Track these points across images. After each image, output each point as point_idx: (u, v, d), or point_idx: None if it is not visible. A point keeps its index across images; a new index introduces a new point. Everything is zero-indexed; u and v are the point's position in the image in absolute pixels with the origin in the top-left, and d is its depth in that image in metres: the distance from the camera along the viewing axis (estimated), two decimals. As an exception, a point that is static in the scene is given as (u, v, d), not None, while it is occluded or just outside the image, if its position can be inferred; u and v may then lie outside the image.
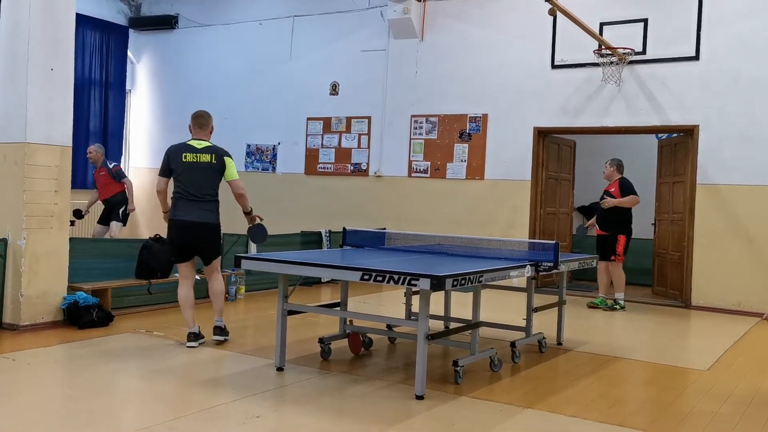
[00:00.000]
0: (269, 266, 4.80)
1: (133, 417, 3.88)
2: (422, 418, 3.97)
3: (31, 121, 5.81)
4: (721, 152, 8.47)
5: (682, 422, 4.13)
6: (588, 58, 8.96)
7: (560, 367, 5.40)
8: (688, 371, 5.39)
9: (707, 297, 8.50)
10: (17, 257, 5.79)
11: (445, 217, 9.99)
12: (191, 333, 5.42)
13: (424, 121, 10.36)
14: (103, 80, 12.46)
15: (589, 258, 6.34)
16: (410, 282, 4.12)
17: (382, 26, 10.64)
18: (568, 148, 10.34)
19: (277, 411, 4.06)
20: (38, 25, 5.82)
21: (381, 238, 6.30)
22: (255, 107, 11.80)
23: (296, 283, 5.18)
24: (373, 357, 5.42)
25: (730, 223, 8.42)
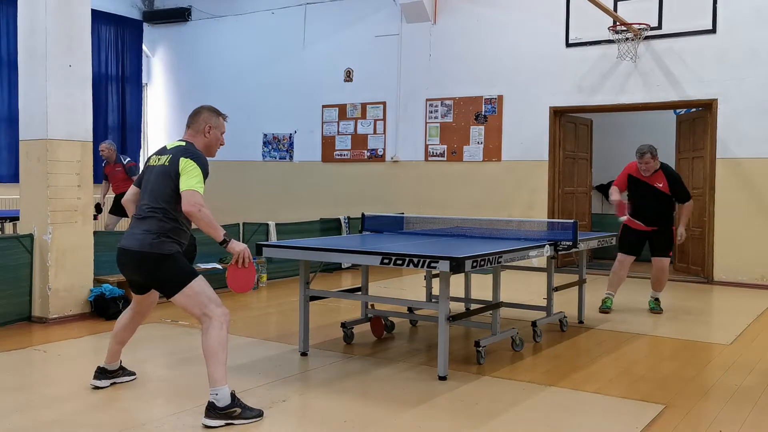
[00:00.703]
0: (290, 253, 4.86)
1: (163, 403, 3.96)
2: (446, 399, 4.02)
3: (51, 117, 5.90)
4: (740, 125, 8.38)
5: (705, 396, 4.14)
6: (603, 35, 8.88)
7: (582, 345, 5.42)
8: (711, 346, 5.39)
9: (729, 272, 8.45)
10: (44, 252, 5.91)
11: (463, 200, 10.00)
12: (100, 367, 4.12)
13: (439, 104, 10.35)
14: (120, 75, 12.57)
15: (609, 236, 6.33)
16: (430, 265, 4.16)
17: (395, 11, 10.61)
18: (584, 127, 10.28)
19: (302, 395, 4.13)
20: (55, 22, 5.89)
21: (400, 222, 6.34)
22: (270, 96, 11.85)
23: (317, 270, 5.24)
24: (396, 340, 5.48)
25: (752, 196, 8.35)
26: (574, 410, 3.89)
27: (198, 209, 3.52)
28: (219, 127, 3.92)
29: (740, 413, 3.81)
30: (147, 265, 3.68)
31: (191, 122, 3.92)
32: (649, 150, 6.59)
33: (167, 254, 3.65)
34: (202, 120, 3.89)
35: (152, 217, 3.68)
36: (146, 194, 3.77)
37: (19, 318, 5.88)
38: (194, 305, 3.65)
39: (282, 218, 9.34)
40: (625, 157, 7.60)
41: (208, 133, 3.88)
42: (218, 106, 4.02)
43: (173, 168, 3.65)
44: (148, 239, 3.65)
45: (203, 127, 3.88)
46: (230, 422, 3.49)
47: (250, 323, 6.13)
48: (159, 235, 3.65)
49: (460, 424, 3.61)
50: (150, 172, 3.82)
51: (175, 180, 3.63)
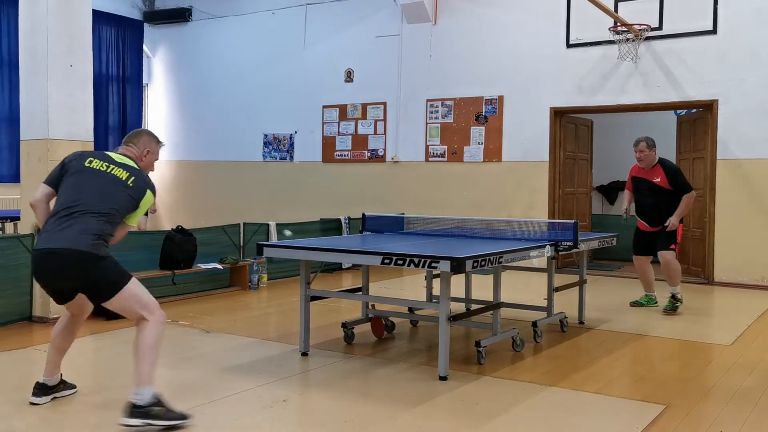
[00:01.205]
0: (291, 253, 4.86)
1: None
2: (446, 398, 4.02)
3: (52, 117, 5.90)
4: (741, 126, 8.38)
5: (705, 396, 4.14)
6: (603, 36, 8.88)
7: (582, 345, 5.42)
8: (712, 346, 5.39)
9: (730, 273, 8.45)
10: (44, 252, 5.90)
11: (464, 201, 10.00)
12: (39, 383, 3.81)
13: (439, 105, 10.35)
14: (121, 75, 12.58)
15: (609, 237, 6.32)
16: (430, 265, 4.16)
17: (395, 11, 10.61)
18: (585, 128, 10.29)
19: (302, 395, 4.13)
20: (56, 22, 5.90)
21: (400, 222, 6.34)
22: (270, 97, 11.85)
23: (318, 270, 5.24)
24: (396, 340, 5.48)
25: (752, 197, 8.35)
26: (574, 410, 3.89)
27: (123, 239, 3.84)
28: (155, 153, 3.91)
29: (741, 414, 3.82)
30: (82, 265, 3.43)
31: (132, 141, 3.85)
32: (644, 139, 6.49)
33: (104, 256, 3.49)
34: (143, 143, 3.84)
35: (95, 219, 3.49)
36: (87, 195, 3.54)
37: (20, 318, 5.88)
38: (133, 306, 3.54)
39: (282, 218, 9.35)
40: (626, 158, 7.61)
41: (145, 157, 3.85)
42: (219, 106, 4.05)
43: (137, 194, 3.65)
44: (87, 239, 3.43)
45: (143, 150, 3.83)
46: (150, 423, 3.36)
47: (251, 323, 6.13)
48: (99, 237, 3.47)
49: (461, 424, 3.62)
50: (93, 175, 3.62)
51: (134, 205, 3.64)
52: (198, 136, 12.66)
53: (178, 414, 3.46)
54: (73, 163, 3.71)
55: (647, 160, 6.51)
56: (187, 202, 12.69)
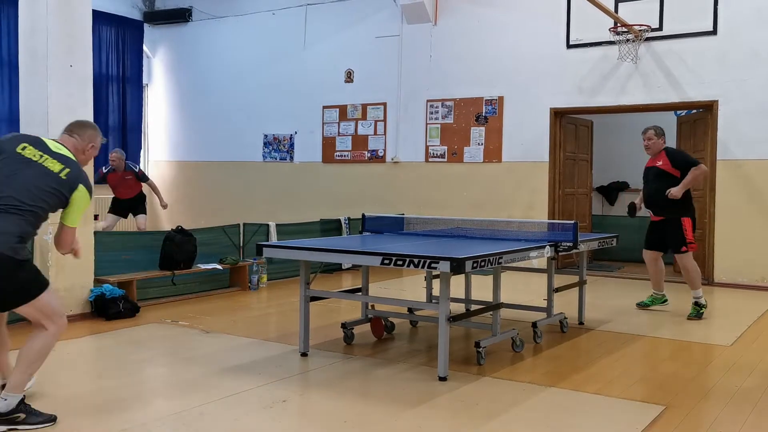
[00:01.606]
0: (291, 253, 4.86)
1: (164, 403, 3.97)
2: (446, 399, 4.02)
3: (52, 117, 5.90)
4: (741, 127, 8.38)
5: (705, 397, 4.14)
6: (604, 37, 8.88)
7: (582, 346, 5.42)
8: (711, 347, 5.39)
9: (730, 273, 8.45)
10: (44, 252, 5.91)
11: (464, 201, 10.00)
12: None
13: (439, 105, 10.35)
14: (120, 75, 12.58)
15: (609, 237, 6.33)
16: (430, 265, 4.16)
17: (395, 12, 10.61)
18: (585, 128, 10.29)
19: (302, 395, 4.13)
20: (56, 22, 5.89)
21: (400, 223, 6.34)
22: (270, 97, 11.85)
23: (317, 270, 5.24)
24: (396, 341, 5.48)
25: (752, 198, 8.35)
26: (574, 411, 3.89)
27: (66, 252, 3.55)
28: (97, 148, 3.72)
29: (740, 414, 3.81)
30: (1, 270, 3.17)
31: (77, 132, 3.61)
32: (653, 127, 6.53)
33: (24, 260, 3.26)
34: (88, 137, 3.62)
35: (16, 216, 3.22)
36: (13, 188, 3.25)
37: (20, 317, 5.86)
38: (40, 314, 3.35)
39: (282, 219, 9.35)
40: (626, 158, 7.62)
41: (87, 151, 3.63)
42: (219, 106, 4.01)
43: (69, 189, 3.36)
44: (8, 240, 3.17)
45: (87, 144, 3.62)
46: (13, 428, 3.26)
47: (251, 323, 6.13)
48: (21, 239, 3.23)
49: (460, 425, 3.62)
50: (27, 164, 3.31)
51: (63, 201, 3.37)
52: (198, 137, 12.66)
53: (45, 417, 3.39)
54: (4, 145, 3.40)
55: (654, 147, 6.50)
56: (186, 203, 12.69)
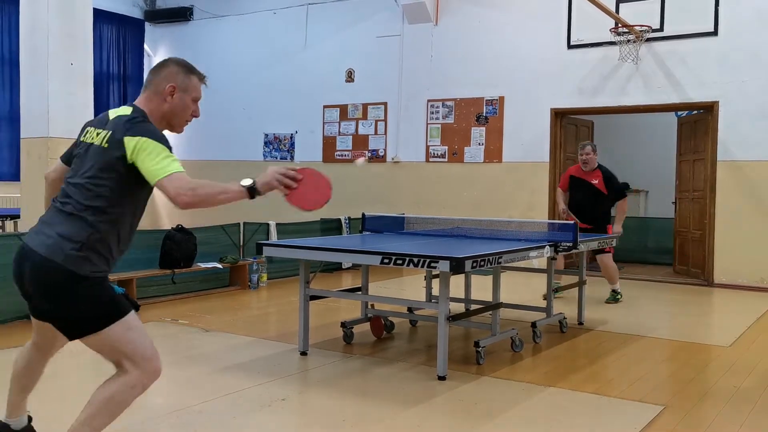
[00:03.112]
0: (291, 252, 4.86)
1: (164, 401, 3.97)
2: (445, 398, 4.02)
3: (53, 115, 5.91)
4: (741, 128, 8.38)
5: (703, 398, 4.14)
6: (604, 37, 8.89)
7: (581, 346, 5.42)
8: (710, 348, 5.39)
9: (730, 274, 8.45)
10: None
11: (464, 201, 10.01)
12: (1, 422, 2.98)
13: (440, 105, 10.36)
14: (121, 74, 12.59)
15: (609, 238, 6.34)
16: (430, 265, 4.16)
17: (396, 12, 10.62)
18: (585, 129, 10.29)
19: (301, 393, 4.14)
20: (57, 20, 5.91)
21: (400, 222, 6.34)
22: (271, 96, 11.86)
23: (317, 269, 5.24)
24: (395, 340, 5.48)
25: (752, 199, 8.35)
26: (573, 411, 3.89)
27: (194, 195, 2.45)
28: (188, 90, 2.74)
29: (739, 414, 3.82)
30: (51, 282, 2.45)
31: (149, 79, 2.72)
32: (590, 144, 7.26)
33: (85, 276, 2.46)
34: (164, 77, 2.68)
35: (76, 217, 2.50)
36: (76, 182, 2.57)
37: (19, 316, 5.88)
38: (118, 354, 2.53)
39: (282, 218, 9.35)
40: (626, 159, 7.63)
41: (170, 95, 2.69)
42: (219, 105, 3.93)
43: (117, 152, 2.49)
44: (65, 247, 2.45)
45: (164, 86, 2.68)
46: None
47: (250, 322, 6.14)
48: (82, 247, 2.47)
49: (459, 424, 3.62)
50: (85, 151, 2.60)
51: (123, 171, 2.51)
52: (199, 136, 12.64)
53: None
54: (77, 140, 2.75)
55: (591, 163, 7.16)
56: (187, 202, 12.68)
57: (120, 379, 2.54)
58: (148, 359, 2.56)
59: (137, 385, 2.55)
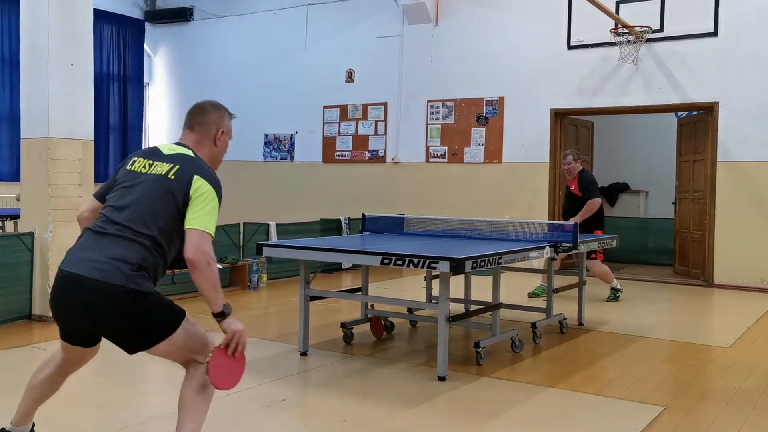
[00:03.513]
0: (291, 253, 4.86)
1: (164, 401, 3.97)
2: (445, 399, 4.02)
3: (53, 115, 5.90)
4: (741, 129, 8.38)
5: (703, 398, 4.14)
6: (604, 38, 8.88)
7: (581, 346, 5.42)
8: (710, 348, 5.39)
9: (729, 275, 8.45)
10: (44, 250, 5.91)
11: (464, 202, 10.00)
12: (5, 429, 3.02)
13: (440, 105, 10.36)
14: (121, 74, 12.58)
15: (609, 238, 6.34)
16: (430, 265, 4.16)
17: (396, 12, 10.62)
18: (586, 129, 10.29)
19: (301, 394, 4.14)
20: (57, 20, 5.90)
21: (400, 223, 6.34)
22: (271, 97, 11.86)
23: (317, 270, 5.24)
24: (395, 340, 5.48)
25: (752, 200, 8.35)
26: (573, 411, 3.89)
27: (206, 263, 2.53)
28: (230, 132, 2.97)
29: (739, 415, 3.82)
30: (114, 304, 2.52)
31: (196, 122, 2.85)
32: (571, 152, 7.42)
33: (147, 292, 2.56)
34: (213, 122, 2.86)
35: (132, 242, 2.56)
36: (128, 209, 2.62)
37: (19, 316, 5.89)
38: (190, 352, 2.69)
39: (282, 218, 9.35)
40: (627, 159, 7.63)
41: (219, 140, 2.88)
42: None
43: (182, 186, 2.60)
44: (123, 269, 2.51)
45: (214, 131, 2.85)
46: None
47: (250, 323, 6.13)
48: (140, 267, 2.54)
49: (459, 425, 3.62)
50: (137, 180, 2.67)
51: (181, 205, 2.60)
52: (198, 136, 12.66)
53: None
54: (119, 170, 2.80)
55: (572, 171, 7.31)
56: (187, 202, 12.68)
57: (200, 370, 2.66)
58: (211, 344, 2.71)
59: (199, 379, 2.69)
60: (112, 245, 2.56)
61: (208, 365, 2.60)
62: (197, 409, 2.68)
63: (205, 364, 2.61)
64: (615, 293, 7.30)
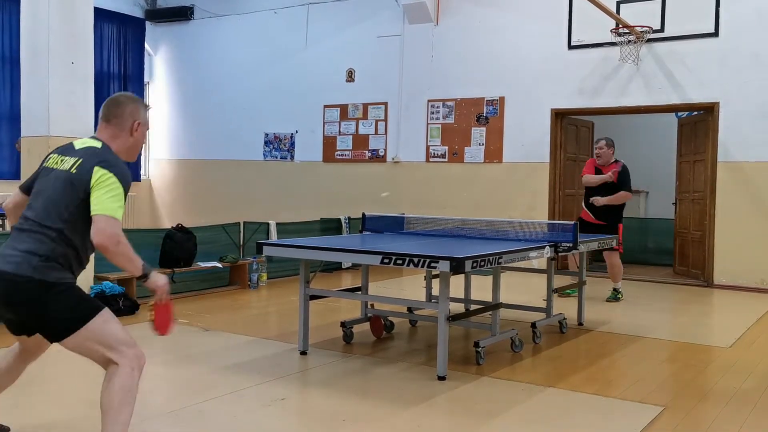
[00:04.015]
0: (291, 252, 4.86)
1: (163, 401, 3.97)
2: (445, 398, 4.02)
3: (53, 114, 5.91)
4: (741, 129, 8.38)
5: (703, 398, 4.14)
6: (605, 38, 8.88)
7: (581, 346, 5.42)
8: (710, 349, 5.39)
9: (729, 275, 8.45)
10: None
11: (464, 201, 10.00)
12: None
13: (440, 105, 10.35)
14: (122, 73, 12.58)
15: (609, 238, 6.34)
16: (430, 265, 4.16)
17: (397, 11, 10.62)
18: (586, 129, 10.29)
19: (301, 393, 4.14)
20: (58, 19, 5.90)
21: (400, 222, 6.34)
22: (272, 96, 11.85)
23: (317, 269, 5.24)
24: (395, 340, 5.48)
25: (752, 200, 8.35)
26: (572, 411, 3.89)
27: (115, 243, 2.64)
28: (146, 123, 3.03)
29: (739, 415, 3.82)
30: (25, 295, 2.67)
31: (112, 114, 2.93)
32: (605, 138, 7.38)
33: (54, 282, 2.69)
34: (129, 114, 2.93)
35: (41, 235, 2.70)
36: (37, 205, 2.78)
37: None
38: (97, 348, 2.74)
39: (283, 218, 9.35)
40: (627, 160, 7.60)
41: (136, 131, 2.95)
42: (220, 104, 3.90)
43: (83, 178, 2.72)
44: (32, 261, 2.66)
45: (130, 123, 2.93)
46: None
47: (250, 322, 6.14)
48: (47, 259, 2.68)
49: (459, 424, 3.62)
50: (47, 177, 2.82)
51: (83, 195, 2.71)
52: (199, 135, 12.67)
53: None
54: (40, 167, 2.97)
55: (605, 157, 7.27)
56: (187, 201, 12.69)
57: (117, 371, 2.73)
58: (131, 345, 2.79)
59: (134, 368, 2.76)
60: (26, 240, 2.73)
61: (153, 323, 2.90)
62: (121, 410, 2.72)
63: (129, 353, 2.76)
64: (616, 294, 7.33)
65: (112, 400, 2.71)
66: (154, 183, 13.14)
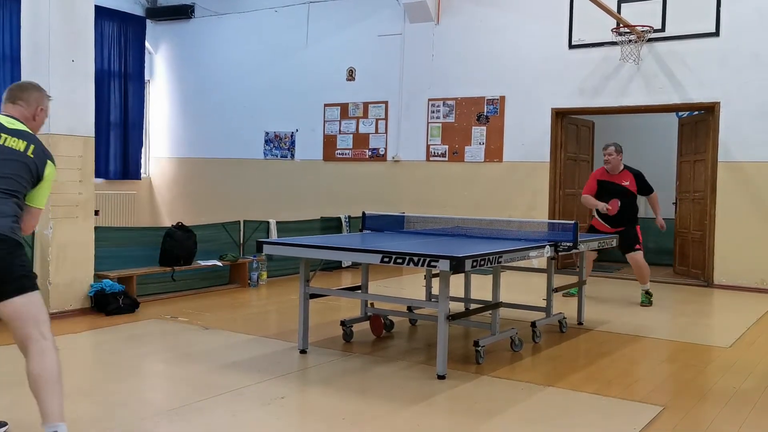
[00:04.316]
0: (291, 250, 4.86)
1: (163, 399, 3.97)
2: (444, 397, 4.02)
3: (54, 112, 5.87)
4: (742, 129, 8.38)
5: (703, 398, 4.15)
6: (606, 37, 8.88)
7: (581, 346, 5.42)
8: (710, 348, 5.39)
9: (729, 275, 8.45)
10: (44, 247, 5.92)
11: (465, 201, 10.00)
12: None
13: (441, 104, 10.35)
14: (122, 71, 12.57)
15: (609, 238, 6.33)
16: (430, 264, 4.16)
17: (398, 10, 10.61)
18: (586, 129, 10.28)
19: (301, 392, 4.14)
20: (58, 17, 5.90)
21: (400, 222, 6.34)
22: (272, 95, 11.85)
23: (317, 268, 5.24)
24: (395, 339, 5.48)
25: (753, 200, 8.35)
26: (572, 411, 3.89)
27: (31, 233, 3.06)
28: (47, 111, 3.29)
29: (738, 415, 3.82)
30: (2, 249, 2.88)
31: (18, 97, 3.17)
32: (613, 144, 7.21)
33: (21, 243, 2.99)
34: (35, 100, 3.19)
35: (10, 198, 2.97)
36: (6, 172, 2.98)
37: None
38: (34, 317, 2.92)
39: (283, 216, 9.35)
40: (627, 159, 7.59)
41: (38, 116, 3.22)
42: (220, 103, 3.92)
43: (38, 168, 3.05)
44: (7, 222, 2.92)
45: (35, 108, 3.20)
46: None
47: (250, 320, 6.14)
48: (17, 220, 2.98)
49: (459, 423, 3.62)
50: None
51: (34, 181, 3.05)
52: (199, 133, 12.66)
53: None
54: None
55: (614, 163, 7.15)
56: (187, 199, 12.70)
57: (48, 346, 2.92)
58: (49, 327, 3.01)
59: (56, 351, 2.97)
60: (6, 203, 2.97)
61: None
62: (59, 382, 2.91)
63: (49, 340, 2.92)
64: (648, 297, 7.08)
65: (52, 373, 2.89)
66: (154, 181, 13.14)
